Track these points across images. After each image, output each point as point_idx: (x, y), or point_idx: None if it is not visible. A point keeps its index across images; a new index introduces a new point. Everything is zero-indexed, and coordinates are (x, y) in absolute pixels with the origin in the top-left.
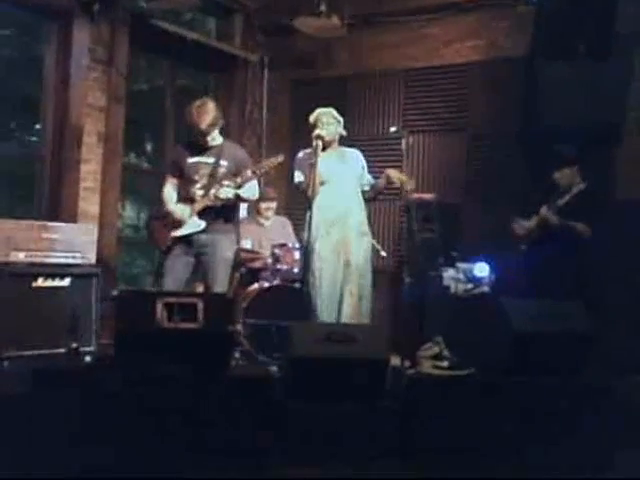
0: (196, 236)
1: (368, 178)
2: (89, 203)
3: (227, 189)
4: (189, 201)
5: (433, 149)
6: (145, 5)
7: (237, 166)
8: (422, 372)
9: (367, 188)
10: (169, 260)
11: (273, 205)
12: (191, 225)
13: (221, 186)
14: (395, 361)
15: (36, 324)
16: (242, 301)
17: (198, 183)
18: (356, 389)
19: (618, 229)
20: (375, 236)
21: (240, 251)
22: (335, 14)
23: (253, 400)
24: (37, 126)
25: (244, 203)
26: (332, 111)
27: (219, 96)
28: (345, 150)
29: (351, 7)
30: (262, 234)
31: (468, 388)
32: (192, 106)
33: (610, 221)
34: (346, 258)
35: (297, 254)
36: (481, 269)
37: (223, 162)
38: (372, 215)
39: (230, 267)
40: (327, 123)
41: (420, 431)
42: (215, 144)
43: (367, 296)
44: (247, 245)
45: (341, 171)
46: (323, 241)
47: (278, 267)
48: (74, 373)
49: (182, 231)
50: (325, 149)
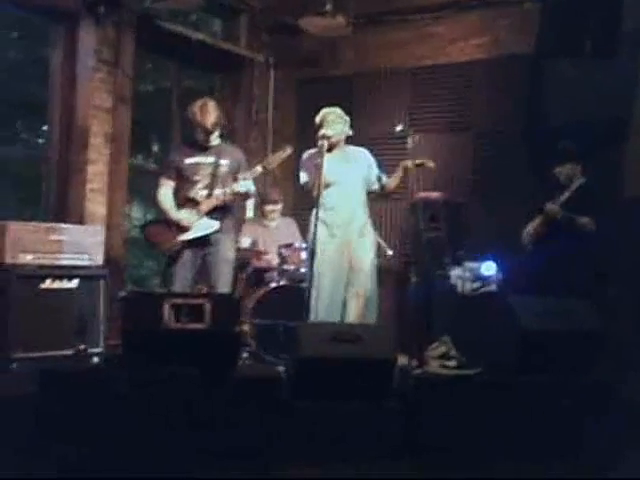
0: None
1: (378, 175)
2: (96, 204)
3: (244, 182)
4: (191, 202)
5: (439, 148)
6: (150, 5)
7: (237, 166)
8: (429, 372)
9: (376, 187)
10: (178, 266)
11: (278, 207)
12: (203, 227)
13: (235, 181)
14: (402, 361)
15: (44, 326)
16: (249, 301)
17: (199, 183)
18: (363, 389)
19: (626, 226)
20: (381, 235)
21: (239, 250)
22: (340, 13)
23: (260, 400)
24: (44, 128)
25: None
26: (338, 111)
27: (225, 96)
28: (351, 150)
29: (356, 6)
30: (267, 235)
31: (476, 387)
32: (194, 106)
33: (617, 219)
34: (350, 260)
35: (304, 254)
36: (488, 268)
37: (223, 161)
38: (378, 215)
39: (232, 266)
40: (333, 122)
41: (427, 431)
42: (214, 144)
43: (373, 298)
44: (246, 244)
45: (346, 173)
46: (326, 243)
47: (285, 267)
48: (82, 374)
49: (194, 233)
50: (331, 149)
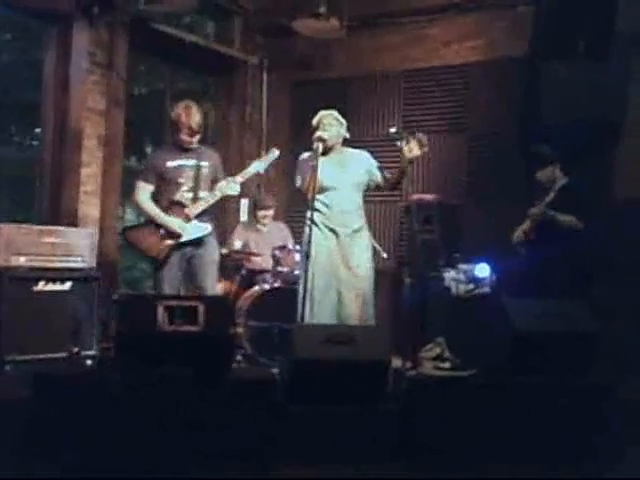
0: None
1: (377, 175)
2: (89, 207)
3: (234, 186)
4: (177, 206)
5: (433, 150)
6: (143, 7)
7: (215, 168)
8: (423, 373)
9: (373, 185)
10: (166, 269)
11: (270, 213)
12: (195, 230)
13: (227, 183)
14: (396, 362)
15: (37, 328)
16: (243, 303)
17: (184, 186)
18: (357, 391)
19: (618, 228)
20: (376, 237)
21: (232, 252)
22: (334, 16)
23: (254, 402)
24: (37, 130)
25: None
26: (335, 113)
27: (218, 98)
28: (348, 153)
29: (350, 9)
30: (259, 239)
31: (470, 389)
32: (178, 107)
33: (610, 220)
34: (345, 263)
35: (297, 256)
36: (482, 270)
37: (204, 163)
38: (373, 216)
39: (217, 268)
40: (330, 125)
41: (422, 432)
42: (194, 147)
43: (370, 300)
44: (237, 246)
45: (341, 177)
46: (320, 245)
47: (279, 269)
48: (76, 377)
49: (186, 237)
50: (327, 152)
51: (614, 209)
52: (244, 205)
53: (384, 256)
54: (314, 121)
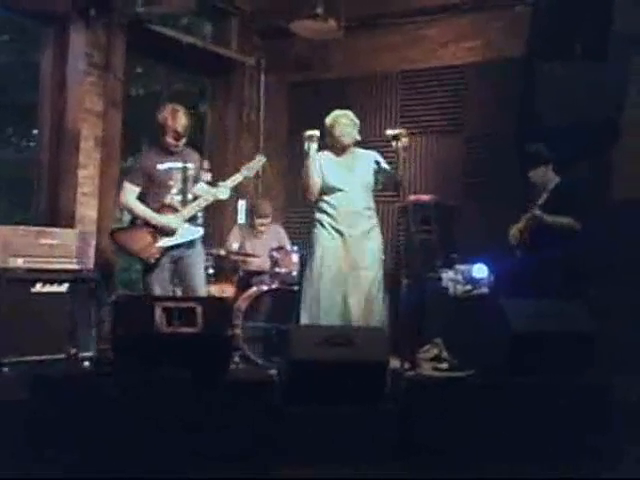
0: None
1: (386, 171)
2: (87, 208)
3: (225, 190)
4: (168, 208)
5: (431, 150)
6: (141, 10)
7: (198, 169)
8: (421, 374)
9: (380, 186)
10: (156, 272)
11: (267, 221)
12: (188, 232)
13: (217, 187)
14: (394, 363)
15: (35, 330)
16: (241, 305)
17: (173, 189)
18: (355, 392)
19: (616, 228)
20: None
21: (229, 253)
22: (332, 17)
23: (252, 404)
24: (34, 131)
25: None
26: (350, 114)
27: (216, 100)
28: (357, 154)
29: (348, 9)
30: (256, 243)
31: (467, 389)
32: (164, 111)
33: (608, 220)
34: (352, 265)
35: (295, 257)
36: (479, 270)
37: (189, 165)
38: None
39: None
40: (345, 126)
41: (420, 433)
42: (180, 150)
43: (379, 302)
44: (234, 247)
45: (349, 178)
46: (327, 247)
47: (277, 270)
48: (73, 378)
49: (179, 239)
50: (340, 153)
51: (612, 209)
52: (242, 206)
53: (381, 257)
54: (328, 121)
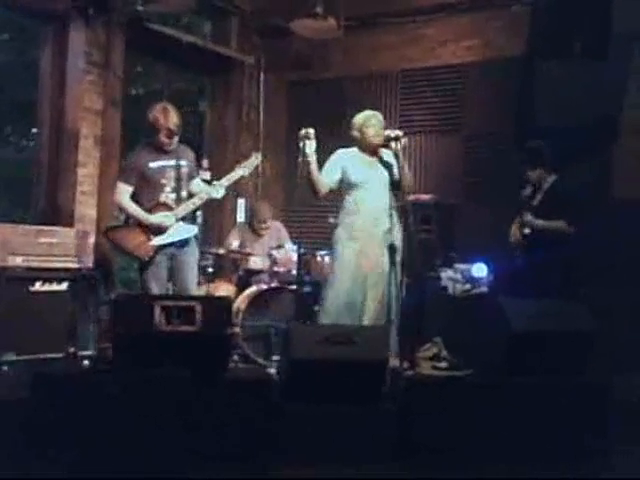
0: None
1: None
2: (86, 207)
3: (219, 189)
4: (162, 206)
5: (430, 150)
6: (141, 8)
7: (192, 166)
8: (421, 373)
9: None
10: (153, 271)
11: (268, 225)
12: (182, 231)
13: (212, 186)
14: (394, 362)
15: (34, 328)
16: (240, 303)
17: (167, 187)
18: (355, 391)
19: (616, 228)
20: None
21: (229, 252)
22: (331, 16)
23: (251, 402)
24: (33, 130)
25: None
26: (379, 115)
27: (215, 98)
28: (383, 154)
29: (347, 9)
30: (257, 243)
31: (467, 388)
32: (155, 110)
33: (607, 220)
34: (372, 265)
35: (294, 256)
36: (479, 270)
37: (183, 162)
38: None
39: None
40: (377, 126)
41: (419, 432)
42: (173, 148)
43: (393, 306)
44: (234, 246)
45: (372, 178)
46: (346, 246)
47: (276, 269)
48: (73, 377)
49: (172, 237)
50: (368, 153)
51: (612, 209)
52: (241, 205)
53: (401, 256)
54: (359, 120)
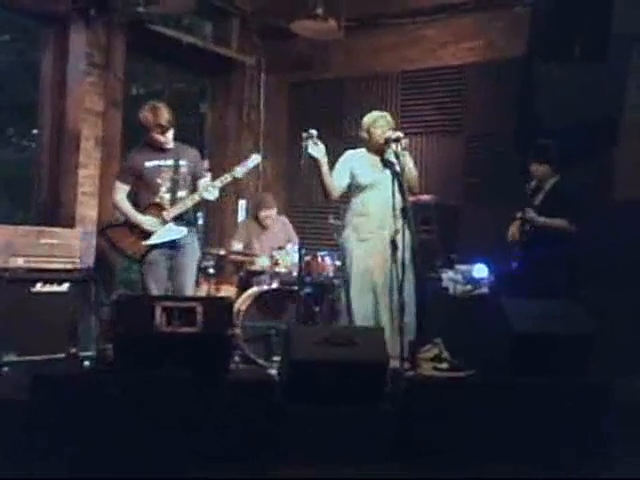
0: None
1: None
2: (87, 208)
3: (212, 190)
4: (156, 207)
5: (431, 151)
6: (142, 10)
7: (194, 166)
8: (422, 374)
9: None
10: (152, 271)
11: (273, 212)
12: (171, 232)
13: (205, 188)
14: (394, 363)
15: (35, 329)
16: (241, 304)
17: (162, 187)
18: (356, 392)
19: (616, 230)
20: None
21: (230, 253)
22: (332, 17)
23: (252, 403)
24: (34, 131)
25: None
26: (388, 116)
27: (216, 99)
28: (390, 154)
29: (348, 9)
30: (264, 237)
31: (468, 389)
32: (144, 109)
33: (608, 221)
34: (382, 267)
35: (296, 257)
36: (480, 270)
37: (182, 162)
38: None
39: (197, 269)
40: (386, 127)
41: (420, 433)
42: (170, 147)
43: (410, 304)
44: (236, 247)
45: (380, 180)
46: (355, 248)
47: (277, 270)
48: (74, 378)
49: (161, 238)
50: (375, 152)
51: (613, 210)
52: (242, 206)
53: (411, 256)
54: (367, 121)
